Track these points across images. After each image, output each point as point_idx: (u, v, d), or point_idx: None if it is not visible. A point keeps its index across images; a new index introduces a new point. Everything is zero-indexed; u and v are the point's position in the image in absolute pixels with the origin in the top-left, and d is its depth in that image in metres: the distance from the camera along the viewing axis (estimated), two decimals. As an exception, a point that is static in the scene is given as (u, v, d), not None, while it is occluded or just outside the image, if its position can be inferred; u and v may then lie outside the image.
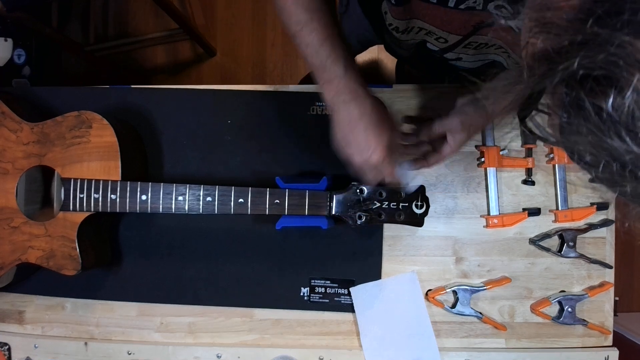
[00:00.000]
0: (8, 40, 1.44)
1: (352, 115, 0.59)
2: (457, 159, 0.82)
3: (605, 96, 0.26)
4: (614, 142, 0.27)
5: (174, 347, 0.82)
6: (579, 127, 0.28)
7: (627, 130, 0.26)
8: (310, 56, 0.58)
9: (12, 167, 0.75)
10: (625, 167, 0.27)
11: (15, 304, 0.85)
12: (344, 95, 0.59)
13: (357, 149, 0.60)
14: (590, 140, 0.28)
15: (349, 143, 0.60)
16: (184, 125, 0.84)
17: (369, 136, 0.59)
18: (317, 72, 0.59)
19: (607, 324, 0.81)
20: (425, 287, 0.82)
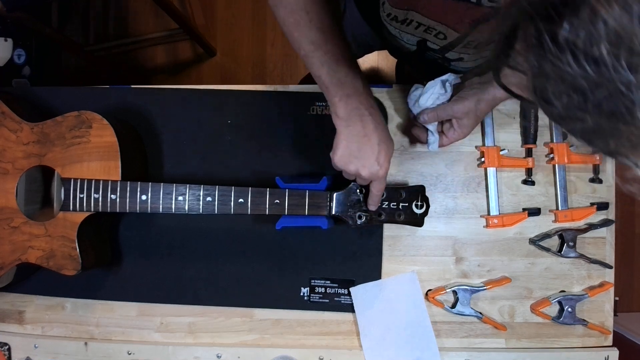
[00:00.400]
0: (8, 40, 1.44)
1: (368, 129, 0.61)
2: (457, 159, 0.82)
3: (561, 20, 0.26)
4: (572, 69, 0.26)
5: (174, 347, 0.82)
6: (542, 62, 0.28)
7: (584, 55, 0.26)
8: (327, 75, 0.59)
9: (12, 167, 0.75)
10: (587, 97, 0.27)
11: (15, 304, 0.85)
12: (362, 109, 0.60)
13: (369, 162, 0.62)
14: (552, 74, 0.27)
15: (360, 156, 0.62)
16: (184, 125, 0.84)
17: (381, 150, 0.62)
18: (333, 89, 0.60)
19: (607, 324, 0.81)
20: (425, 287, 0.82)
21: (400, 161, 0.82)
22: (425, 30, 0.67)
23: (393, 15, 0.68)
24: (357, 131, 0.61)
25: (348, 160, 0.62)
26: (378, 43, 0.89)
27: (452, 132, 0.70)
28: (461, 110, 0.67)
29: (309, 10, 0.58)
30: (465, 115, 0.68)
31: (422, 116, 0.70)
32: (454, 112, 0.68)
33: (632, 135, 0.27)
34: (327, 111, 0.82)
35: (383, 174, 0.63)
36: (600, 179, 0.80)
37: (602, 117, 0.27)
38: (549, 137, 0.81)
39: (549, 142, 0.81)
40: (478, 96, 0.66)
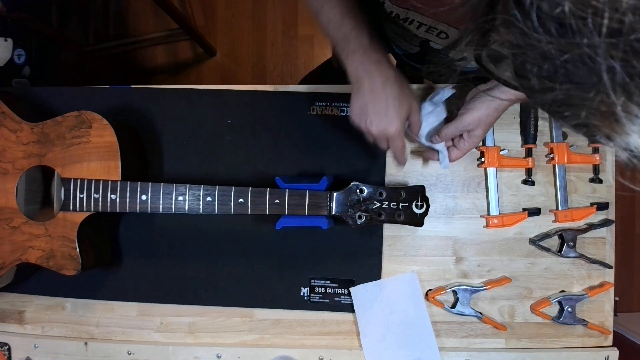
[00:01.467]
0: (8, 40, 1.44)
1: (375, 84, 0.60)
2: (457, 159, 0.82)
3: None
4: (538, 34, 0.25)
5: (174, 347, 0.82)
6: (513, 35, 0.27)
7: (549, 18, 0.25)
8: (334, 30, 0.59)
9: (12, 167, 0.75)
10: (555, 65, 0.26)
11: (15, 304, 0.85)
12: (368, 64, 0.60)
13: (377, 117, 0.61)
14: (523, 45, 0.26)
15: (368, 112, 0.61)
16: (184, 125, 0.84)
17: (389, 106, 0.60)
18: (341, 45, 0.60)
19: (607, 324, 0.81)
20: (425, 287, 0.82)
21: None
22: (427, 30, 0.67)
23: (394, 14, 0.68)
24: (365, 87, 0.60)
25: (360, 117, 0.62)
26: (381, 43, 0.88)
27: (463, 143, 0.71)
28: (472, 122, 0.68)
29: None
30: (477, 126, 0.68)
31: (435, 138, 0.71)
32: (465, 125, 0.68)
33: (601, 103, 0.26)
34: (327, 111, 0.82)
35: (394, 130, 0.61)
36: (600, 179, 0.80)
37: (571, 85, 0.26)
38: (549, 137, 0.81)
39: (549, 142, 0.81)
40: (487, 104, 0.67)
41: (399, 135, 0.63)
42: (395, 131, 0.62)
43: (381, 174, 0.82)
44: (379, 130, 0.62)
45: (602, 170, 0.81)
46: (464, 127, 0.69)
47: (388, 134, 0.62)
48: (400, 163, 0.70)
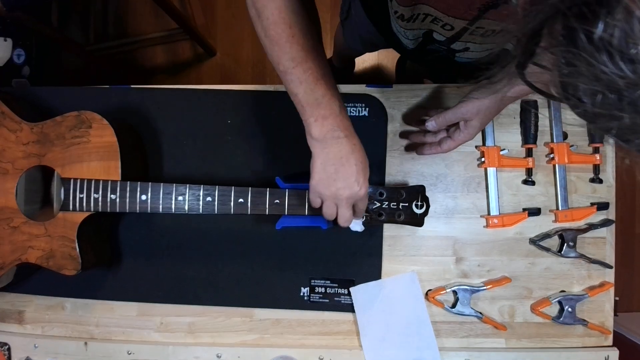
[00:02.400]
0: (8, 40, 1.43)
1: (345, 150, 0.60)
2: (457, 159, 0.82)
3: (596, 20, 0.26)
4: (608, 68, 0.26)
5: (174, 347, 0.82)
6: (574, 61, 0.28)
7: (620, 55, 0.26)
8: (304, 93, 0.59)
9: (12, 167, 0.75)
10: (622, 96, 0.27)
11: (15, 304, 0.85)
12: (338, 131, 0.59)
13: (347, 182, 0.61)
14: (586, 72, 0.27)
15: (336, 179, 0.61)
16: (184, 125, 0.83)
17: (359, 171, 0.61)
18: (309, 109, 0.59)
19: (607, 324, 0.81)
20: (425, 287, 0.82)
21: (401, 161, 0.82)
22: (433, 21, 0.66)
23: (399, 14, 0.67)
24: (333, 153, 0.60)
25: (327, 183, 0.61)
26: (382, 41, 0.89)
27: (458, 134, 0.69)
28: (471, 110, 0.66)
29: (292, 24, 0.57)
30: (475, 116, 0.67)
31: (430, 122, 0.69)
32: (464, 113, 0.67)
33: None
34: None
35: (363, 193, 0.62)
36: (600, 179, 0.80)
37: (639, 115, 0.27)
38: (549, 137, 0.81)
39: (549, 142, 0.81)
40: (487, 96, 0.66)
41: (366, 197, 0.65)
42: (365, 194, 0.63)
43: (381, 174, 0.81)
44: (351, 194, 0.62)
45: (603, 170, 0.81)
46: (462, 115, 0.67)
47: (359, 197, 0.62)
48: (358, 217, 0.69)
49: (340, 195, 0.62)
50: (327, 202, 0.64)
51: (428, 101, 0.82)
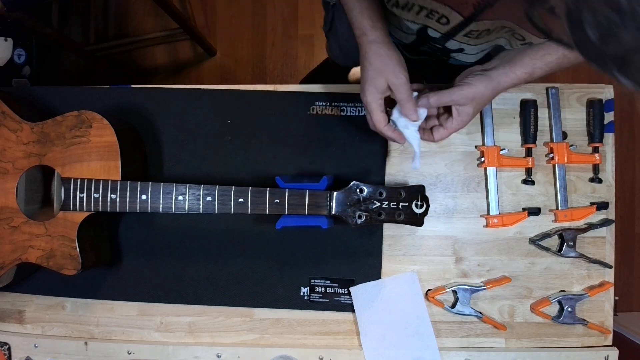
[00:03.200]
0: (8, 40, 1.43)
1: (362, 67, 0.65)
2: (457, 158, 0.82)
3: None
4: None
5: (174, 347, 0.82)
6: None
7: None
8: (349, 16, 0.65)
9: (12, 167, 0.75)
10: (623, 12, 0.27)
11: (15, 304, 0.85)
12: (362, 49, 0.65)
13: (361, 88, 0.66)
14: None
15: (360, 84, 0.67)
16: (184, 125, 0.84)
17: (363, 90, 0.65)
18: (354, 29, 0.66)
19: (607, 323, 0.81)
20: (425, 286, 0.82)
21: (400, 161, 0.82)
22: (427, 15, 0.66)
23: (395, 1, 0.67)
24: (361, 67, 0.66)
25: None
26: None
27: (451, 122, 0.67)
28: (466, 95, 0.64)
29: None
30: (469, 102, 0.65)
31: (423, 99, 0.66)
32: (458, 97, 0.65)
33: None
34: (327, 111, 0.82)
35: (365, 100, 0.65)
36: (600, 179, 0.80)
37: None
38: (548, 137, 0.81)
39: (548, 142, 0.81)
40: (485, 84, 0.64)
41: (372, 105, 0.65)
42: (366, 102, 0.65)
43: (381, 174, 0.82)
44: (362, 101, 0.66)
45: (602, 169, 0.81)
46: (456, 99, 0.65)
47: (364, 104, 0.66)
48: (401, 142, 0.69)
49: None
50: None
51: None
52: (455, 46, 0.72)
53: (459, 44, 0.70)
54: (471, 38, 0.67)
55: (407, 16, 0.68)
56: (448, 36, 0.69)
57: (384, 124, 0.66)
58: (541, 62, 0.65)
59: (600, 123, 0.80)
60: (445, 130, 0.67)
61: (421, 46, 0.77)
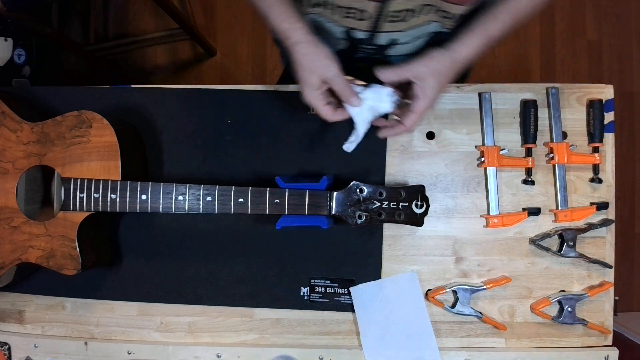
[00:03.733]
0: (8, 40, 1.44)
1: (291, 58, 0.66)
2: (457, 158, 0.82)
3: None
4: None
5: (174, 347, 0.82)
6: None
7: None
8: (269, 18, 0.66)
9: (12, 167, 0.75)
10: None
11: (15, 304, 0.85)
12: (291, 47, 0.65)
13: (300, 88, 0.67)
14: None
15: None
16: (184, 125, 0.84)
17: (300, 77, 0.65)
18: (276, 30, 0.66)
19: (607, 323, 0.81)
20: (425, 286, 0.82)
21: (400, 161, 0.82)
22: (346, 15, 0.66)
23: (312, 3, 0.67)
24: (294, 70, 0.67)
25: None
26: None
27: (418, 102, 0.64)
28: (424, 68, 0.62)
29: None
30: (429, 74, 0.62)
31: (382, 72, 0.64)
32: (417, 71, 0.63)
33: None
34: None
35: (306, 98, 0.66)
36: (600, 179, 0.80)
37: None
38: (548, 137, 0.81)
39: (548, 142, 0.81)
40: (442, 55, 0.63)
41: (313, 103, 0.66)
42: (308, 102, 0.66)
43: (381, 174, 0.82)
44: (302, 95, 0.66)
45: (602, 170, 0.81)
46: (416, 73, 0.63)
47: (306, 102, 0.66)
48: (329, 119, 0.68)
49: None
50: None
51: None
52: (386, 39, 0.71)
53: (389, 35, 0.69)
54: (396, 22, 0.66)
55: (328, 15, 0.68)
56: (373, 31, 0.68)
57: (332, 115, 0.66)
58: (494, 22, 0.65)
59: (600, 123, 0.80)
60: (414, 114, 0.65)
61: (355, 53, 0.76)
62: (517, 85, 0.82)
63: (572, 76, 1.79)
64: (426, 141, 0.82)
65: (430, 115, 0.82)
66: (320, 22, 0.72)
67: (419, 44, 0.73)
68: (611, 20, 1.80)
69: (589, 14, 1.80)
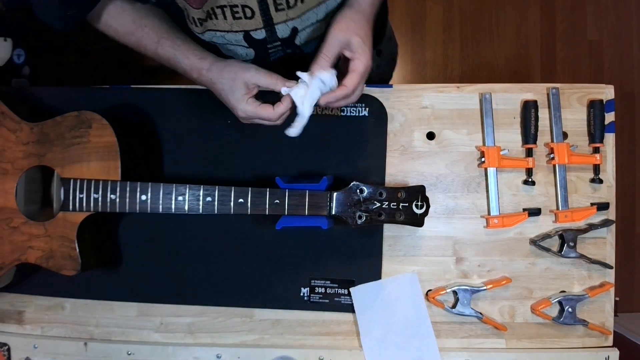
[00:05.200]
0: (7, 40, 1.43)
1: (211, 88, 0.69)
2: (457, 159, 0.82)
3: None
4: None
5: (173, 348, 0.82)
6: None
7: None
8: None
9: (11, 167, 0.75)
10: None
11: (14, 304, 0.85)
12: (197, 78, 0.69)
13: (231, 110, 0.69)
14: None
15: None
16: (184, 125, 0.83)
17: (224, 99, 0.68)
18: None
19: (607, 324, 0.80)
20: (426, 287, 0.81)
21: (401, 161, 0.82)
22: (234, 17, 0.65)
23: (198, 19, 0.67)
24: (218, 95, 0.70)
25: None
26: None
27: (354, 63, 0.62)
28: (341, 32, 0.61)
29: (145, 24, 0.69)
30: (351, 35, 0.61)
31: (314, 69, 0.63)
32: (337, 40, 0.62)
33: None
34: (327, 111, 0.82)
35: (241, 114, 0.68)
36: (600, 179, 0.80)
37: None
38: (549, 137, 0.81)
39: (549, 142, 0.81)
40: (347, 14, 0.63)
41: (251, 112, 0.66)
42: (243, 114, 0.67)
43: (381, 174, 0.81)
44: (241, 118, 0.69)
45: (603, 170, 0.80)
46: (338, 42, 0.62)
47: (241, 117, 0.68)
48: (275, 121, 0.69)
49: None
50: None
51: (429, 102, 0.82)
52: (287, 31, 0.70)
53: (286, 25, 0.68)
54: (286, 10, 0.65)
55: (220, 25, 0.67)
56: (270, 27, 0.68)
57: (273, 112, 0.66)
58: None
59: (601, 123, 0.79)
60: (355, 73, 0.63)
61: (267, 57, 0.75)
62: (518, 85, 0.82)
63: (573, 76, 1.79)
64: (426, 141, 0.82)
65: (431, 116, 0.82)
66: (218, 39, 0.71)
67: (324, 26, 0.70)
68: (612, 20, 1.80)
69: (589, 14, 1.80)
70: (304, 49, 0.75)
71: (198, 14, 0.65)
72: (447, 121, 0.82)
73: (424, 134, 0.82)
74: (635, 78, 1.78)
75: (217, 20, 0.66)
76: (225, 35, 0.70)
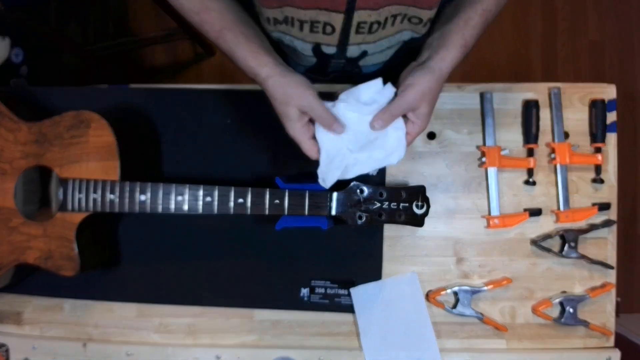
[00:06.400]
0: (6, 39, 1.43)
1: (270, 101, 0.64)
2: (458, 159, 0.82)
3: None
4: None
5: (173, 348, 0.81)
6: None
7: None
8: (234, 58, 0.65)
9: (10, 167, 0.74)
10: None
11: (13, 305, 0.85)
12: (251, 75, 0.64)
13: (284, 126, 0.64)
14: None
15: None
16: (184, 125, 0.83)
17: (279, 113, 0.63)
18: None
19: (608, 324, 0.80)
20: (426, 287, 0.81)
21: (401, 161, 0.81)
22: (311, 30, 0.64)
23: (272, 18, 0.66)
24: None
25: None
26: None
27: (412, 127, 0.63)
28: (415, 97, 0.61)
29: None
30: (421, 102, 0.61)
31: (377, 122, 0.62)
32: (410, 103, 0.61)
33: None
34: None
35: (290, 133, 0.64)
36: (602, 179, 0.80)
37: None
38: (550, 137, 0.81)
39: (550, 142, 0.80)
40: (427, 77, 0.61)
41: (298, 138, 0.63)
42: (292, 133, 0.63)
43: (381, 174, 0.81)
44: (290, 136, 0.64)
45: (604, 170, 0.80)
46: (408, 106, 0.61)
47: (291, 137, 0.63)
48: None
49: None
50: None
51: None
52: (357, 52, 0.70)
53: (359, 47, 0.69)
54: (365, 34, 0.65)
55: (294, 32, 0.67)
56: (343, 45, 0.67)
57: (316, 152, 0.64)
58: (468, 29, 0.63)
59: (603, 123, 0.79)
60: (409, 135, 0.64)
61: (326, 67, 0.75)
62: (519, 85, 0.82)
63: (574, 76, 1.79)
64: (427, 141, 0.82)
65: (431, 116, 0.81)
66: (286, 40, 0.70)
67: (391, 53, 0.73)
68: (613, 20, 1.79)
69: (590, 13, 1.80)
70: (363, 70, 0.75)
71: (274, 14, 0.64)
72: (447, 121, 0.82)
73: (424, 133, 0.82)
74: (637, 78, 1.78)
75: (293, 28, 0.66)
76: (294, 41, 0.69)
